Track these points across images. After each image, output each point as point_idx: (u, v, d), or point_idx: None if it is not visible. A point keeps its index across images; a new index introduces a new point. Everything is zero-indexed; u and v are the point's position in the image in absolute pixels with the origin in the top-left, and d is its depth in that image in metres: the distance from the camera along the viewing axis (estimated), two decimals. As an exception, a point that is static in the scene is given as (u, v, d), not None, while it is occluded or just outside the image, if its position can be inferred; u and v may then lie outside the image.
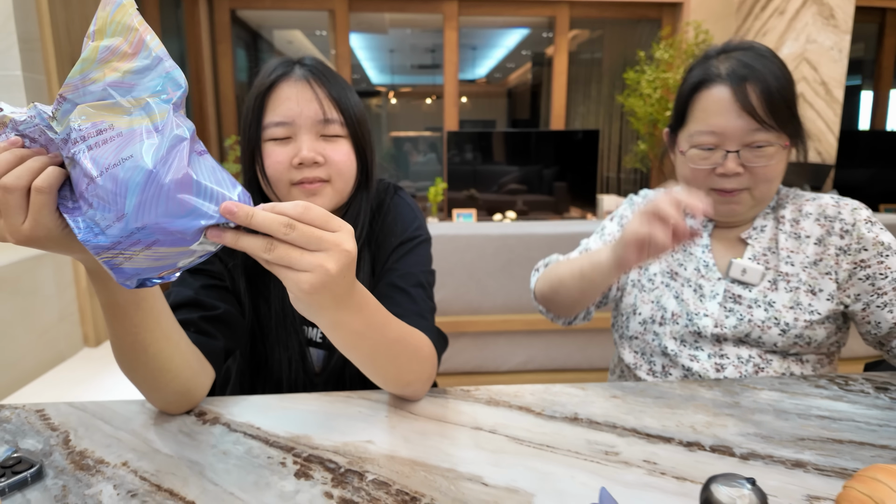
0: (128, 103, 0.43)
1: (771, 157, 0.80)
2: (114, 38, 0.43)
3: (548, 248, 1.94)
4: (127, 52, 0.43)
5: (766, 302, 0.84)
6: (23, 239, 0.45)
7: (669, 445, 0.59)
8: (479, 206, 3.52)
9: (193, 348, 0.64)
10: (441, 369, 2.05)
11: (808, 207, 0.87)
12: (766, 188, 0.83)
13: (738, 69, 0.80)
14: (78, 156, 0.43)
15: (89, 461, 0.55)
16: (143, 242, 0.43)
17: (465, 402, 0.68)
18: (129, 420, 0.64)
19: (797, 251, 0.85)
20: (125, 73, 0.43)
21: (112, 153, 0.42)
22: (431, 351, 0.70)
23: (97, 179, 0.42)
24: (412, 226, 0.85)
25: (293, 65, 0.77)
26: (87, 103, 0.43)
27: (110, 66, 0.43)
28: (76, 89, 0.43)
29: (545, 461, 0.56)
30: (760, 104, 0.78)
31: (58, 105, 0.44)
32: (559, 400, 0.69)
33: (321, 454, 0.57)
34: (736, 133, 0.80)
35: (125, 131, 0.43)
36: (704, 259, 0.90)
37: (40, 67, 2.42)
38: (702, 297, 0.88)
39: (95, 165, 0.42)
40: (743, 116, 0.79)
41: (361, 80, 7.61)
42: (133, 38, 0.44)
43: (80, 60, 0.43)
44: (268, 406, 0.67)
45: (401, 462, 0.55)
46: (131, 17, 0.43)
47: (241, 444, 0.59)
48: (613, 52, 4.69)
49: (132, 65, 0.44)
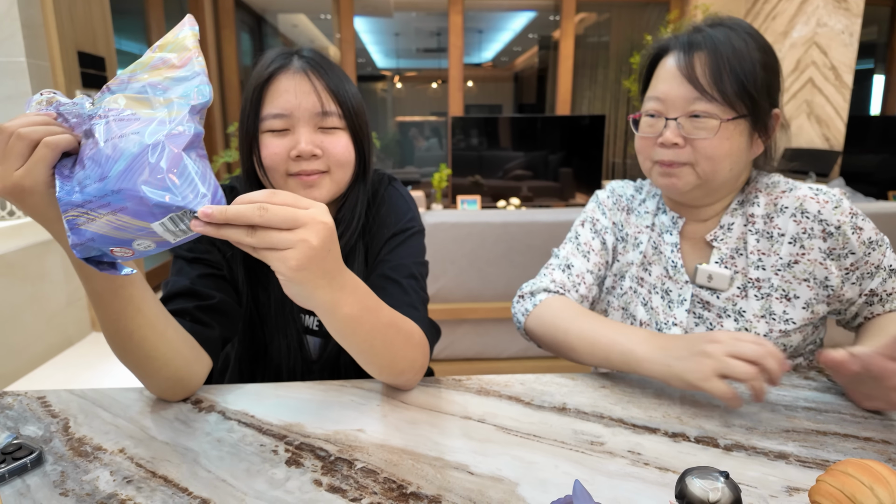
0: (157, 101, 0.50)
1: (712, 131, 0.73)
2: (170, 53, 0.51)
3: (549, 236, 1.94)
4: (175, 65, 0.51)
5: (736, 311, 0.80)
6: (10, 185, 0.49)
7: (654, 436, 0.60)
8: (483, 193, 3.51)
9: (185, 337, 0.65)
10: (441, 356, 2.07)
11: (784, 201, 0.79)
12: (710, 166, 0.75)
13: (693, 38, 0.76)
14: (94, 127, 0.48)
15: (88, 448, 0.57)
16: (112, 206, 0.46)
17: (456, 392, 0.70)
18: (128, 407, 0.66)
19: (769, 253, 0.79)
20: (166, 77, 0.50)
21: (123, 129, 0.47)
22: (423, 339, 0.71)
23: (100, 145, 0.47)
24: (405, 217, 0.85)
25: (291, 56, 0.77)
26: (123, 93, 0.50)
27: (158, 72, 0.51)
28: (122, 83, 0.50)
29: (531, 450, 0.57)
30: (704, 73, 0.73)
31: (102, 94, 0.50)
32: (548, 390, 0.70)
33: (312, 442, 0.58)
34: (677, 100, 0.75)
35: (143, 117, 0.48)
36: (673, 259, 0.85)
37: (44, 54, 2.43)
38: (670, 304, 0.84)
39: (105, 134, 0.47)
40: (685, 84, 0.74)
41: (366, 64, 7.57)
42: (184, 56, 0.51)
43: (136, 63, 0.51)
44: (262, 394, 0.69)
45: (390, 450, 0.57)
46: (189, 41, 0.52)
47: (235, 431, 0.60)
48: (620, 35, 4.64)
49: (174, 73, 0.51)
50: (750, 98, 0.73)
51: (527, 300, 0.88)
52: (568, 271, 0.90)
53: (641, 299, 0.88)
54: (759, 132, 0.77)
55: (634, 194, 0.94)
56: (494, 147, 3.60)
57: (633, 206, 0.93)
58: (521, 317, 0.88)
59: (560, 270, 0.91)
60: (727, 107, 0.73)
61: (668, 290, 0.85)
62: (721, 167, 0.75)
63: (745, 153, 0.77)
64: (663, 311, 0.85)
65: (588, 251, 0.92)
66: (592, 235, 0.93)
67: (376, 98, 7.74)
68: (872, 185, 3.32)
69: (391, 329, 0.64)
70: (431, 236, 1.91)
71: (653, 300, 0.86)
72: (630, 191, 0.95)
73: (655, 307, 0.86)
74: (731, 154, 0.75)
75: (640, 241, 0.90)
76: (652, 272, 0.87)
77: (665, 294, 0.85)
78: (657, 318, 0.85)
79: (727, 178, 0.78)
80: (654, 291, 0.87)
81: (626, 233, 0.92)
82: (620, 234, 0.93)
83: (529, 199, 3.58)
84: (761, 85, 0.74)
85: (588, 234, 0.93)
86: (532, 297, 0.88)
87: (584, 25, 4.99)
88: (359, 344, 0.61)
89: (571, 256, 0.92)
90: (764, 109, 0.75)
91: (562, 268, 0.91)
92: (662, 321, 0.84)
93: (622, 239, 0.92)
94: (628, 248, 0.91)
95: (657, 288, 0.86)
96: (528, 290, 0.89)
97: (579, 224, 0.96)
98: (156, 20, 3.50)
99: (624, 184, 0.98)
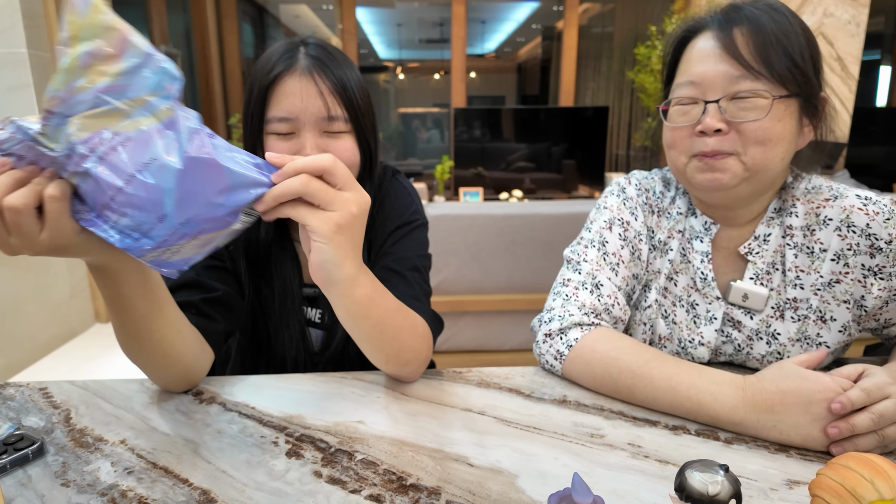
0: (125, 106, 0.43)
1: (763, 111, 0.65)
2: (92, 42, 0.41)
3: (552, 228, 1.94)
4: (111, 54, 0.42)
5: (770, 333, 0.72)
6: (43, 249, 0.46)
7: (655, 429, 0.60)
8: (486, 185, 3.50)
9: (195, 332, 0.65)
10: (443, 348, 2.08)
11: (828, 211, 0.70)
12: (760, 154, 0.66)
13: (729, 13, 0.68)
14: (92, 170, 0.42)
15: (89, 438, 0.57)
16: (190, 234, 0.45)
17: (457, 384, 0.69)
18: (129, 399, 0.66)
19: (808, 271, 0.70)
20: (115, 75, 0.42)
21: (130, 160, 0.42)
22: (427, 330, 0.71)
23: (125, 189, 0.42)
24: (409, 210, 0.85)
25: (296, 53, 0.73)
26: (80, 114, 0.42)
27: (95, 70, 0.41)
28: (63, 102, 0.42)
29: (530, 443, 0.57)
30: (748, 46, 0.65)
31: (45, 121, 0.42)
32: (549, 382, 0.70)
33: (313, 434, 0.58)
34: (717, 80, 0.66)
35: (134, 135, 0.43)
36: (703, 271, 0.75)
37: (45, 44, 2.42)
38: (696, 319, 0.76)
39: (117, 174, 0.42)
40: (726, 60, 0.66)
41: (369, 55, 7.53)
42: (114, 38, 0.42)
43: (61, 71, 0.41)
44: (263, 386, 0.69)
45: (389, 442, 0.57)
46: (107, 17, 0.42)
47: (235, 423, 0.61)
48: (624, 26, 4.60)
49: (120, 66, 0.42)
50: (802, 74, 0.65)
51: (557, 340, 0.71)
52: (597, 292, 0.75)
53: (663, 311, 0.78)
54: (809, 116, 0.68)
55: (664, 191, 0.82)
56: (497, 139, 3.59)
57: (664, 207, 0.81)
58: (555, 361, 0.71)
59: (587, 291, 0.75)
60: (777, 84, 0.65)
61: (695, 304, 0.76)
62: (773, 155, 0.66)
63: (794, 141, 0.68)
64: (688, 327, 0.76)
65: (617, 263, 0.78)
66: (622, 243, 0.79)
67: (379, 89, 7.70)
68: (878, 178, 3.29)
69: (399, 315, 0.64)
70: (433, 228, 1.91)
71: (676, 314, 0.77)
72: (659, 186, 0.83)
73: (679, 322, 0.77)
74: (784, 139, 0.66)
75: (670, 248, 0.79)
76: (678, 282, 0.78)
77: (691, 308, 0.76)
78: (680, 335, 0.76)
79: (779, 171, 0.68)
80: (678, 304, 0.77)
81: (659, 239, 0.80)
82: (653, 242, 0.80)
83: (532, 191, 3.56)
84: (812, 62, 0.66)
85: (616, 241, 0.79)
86: (563, 336, 0.71)
87: (588, 16, 4.94)
88: (370, 328, 0.61)
89: (599, 272, 0.76)
90: (814, 89, 0.67)
91: (588, 287, 0.75)
92: (687, 338, 0.76)
93: (655, 247, 0.80)
94: (656, 255, 0.80)
95: (682, 300, 0.77)
96: (556, 328, 0.72)
97: (605, 226, 0.80)
98: (157, 11, 3.49)
99: (650, 176, 0.85)
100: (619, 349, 0.67)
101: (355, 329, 0.61)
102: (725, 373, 0.62)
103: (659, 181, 0.84)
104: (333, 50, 0.75)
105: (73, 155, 0.42)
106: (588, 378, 0.68)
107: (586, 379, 0.69)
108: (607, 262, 0.77)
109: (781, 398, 0.57)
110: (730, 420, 0.58)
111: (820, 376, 0.57)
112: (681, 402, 0.61)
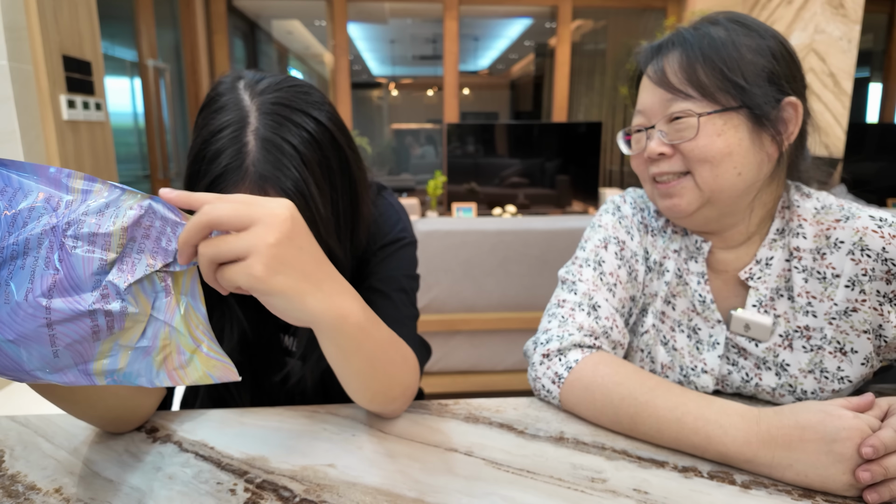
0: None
1: (696, 129, 0.63)
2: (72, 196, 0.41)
3: (545, 244, 1.88)
4: (100, 194, 0.41)
5: (778, 364, 0.67)
6: None
7: (662, 471, 0.53)
8: (479, 200, 3.45)
9: None
10: (434, 369, 2.00)
11: (839, 233, 0.64)
12: (708, 172, 0.64)
13: (662, 42, 0.69)
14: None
15: (19, 487, 0.50)
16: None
17: (442, 419, 0.63)
18: (73, 437, 0.59)
19: (821, 297, 0.65)
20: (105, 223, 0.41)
21: None
22: (416, 362, 0.64)
23: None
24: (395, 228, 0.79)
25: (243, 136, 0.58)
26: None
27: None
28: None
29: (523, 489, 0.50)
30: (675, 71, 0.65)
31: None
32: (544, 416, 0.64)
33: (276, 479, 0.51)
34: (655, 106, 0.67)
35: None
36: (700, 293, 0.71)
37: (27, 57, 2.36)
38: (699, 345, 0.71)
39: None
40: (660, 85, 0.67)
41: (362, 72, 7.54)
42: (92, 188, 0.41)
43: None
44: (226, 422, 0.62)
45: (363, 490, 0.50)
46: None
47: (190, 466, 0.53)
48: (617, 42, 4.61)
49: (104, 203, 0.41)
50: (735, 87, 0.62)
51: (555, 362, 0.66)
52: (594, 313, 0.70)
53: (662, 337, 0.74)
54: (766, 128, 0.64)
55: (657, 210, 0.79)
56: (490, 154, 3.55)
57: (658, 226, 0.77)
58: (552, 385, 0.65)
59: (584, 312, 0.70)
60: (706, 100, 0.63)
61: (697, 329, 0.72)
62: (723, 171, 0.63)
63: (752, 154, 0.64)
64: (689, 353, 0.72)
65: (614, 283, 0.73)
66: (619, 263, 0.75)
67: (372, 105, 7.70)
68: (872, 193, 3.28)
69: (391, 348, 0.57)
70: (424, 245, 1.85)
71: (677, 339, 0.73)
72: (654, 205, 0.79)
73: (680, 348, 0.72)
74: (729, 154, 0.63)
75: (667, 269, 0.75)
76: (676, 306, 0.74)
77: (693, 332, 0.72)
78: (682, 362, 0.72)
79: (739, 188, 0.65)
80: (678, 329, 0.73)
81: (654, 259, 0.76)
82: (648, 263, 0.77)
83: (526, 207, 3.52)
84: (752, 71, 0.63)
85: (613, 260, 0.75)
86: (562, 358, 0.66)
87: (581, 32, 4.96)
88: (360, 363, 0.54)
89: (595, 293, 0.72)
90: (763, 98, 0.63)
91: (585, 308, 0.70)
92: (689, 366, 0.71)
93: (651, 268, 0.76)
94: (653, 276, 0.76)
95: (682, 325, 0.73)
96: (554, 348, 0.67)
97: (600, 245, 0.76)
98: (146, 25, 3.45)
99: (643, 194, 0.82)
100: (621, 374, 0.62)
101: (345, 366, 0.54)
102: (737, 404, 0.56)
103: None
104: (290, 112, 0.60)
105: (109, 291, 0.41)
106: (587, 406, 0.62)
107: (585, 407, 0.63)
108: (604, 283, 0.73)
109: (800, 434, 0.50)
110: (741, 456, 0.52)
111: (843, 411, 0.50)
112: (687, 436, 0.55)
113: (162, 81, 3.37)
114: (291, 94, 0.61)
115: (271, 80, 0.63)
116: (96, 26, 2.77)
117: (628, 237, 0.77)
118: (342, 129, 0.64)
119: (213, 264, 0.43)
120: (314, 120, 0.60)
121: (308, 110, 0.60)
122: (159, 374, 0.43)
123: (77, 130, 2.02)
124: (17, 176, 0.39)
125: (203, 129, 0.60)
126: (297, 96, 0.61)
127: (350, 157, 0.65)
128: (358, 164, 0.67)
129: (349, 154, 0.64)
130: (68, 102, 1.93)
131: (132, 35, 3.43)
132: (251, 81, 0.62)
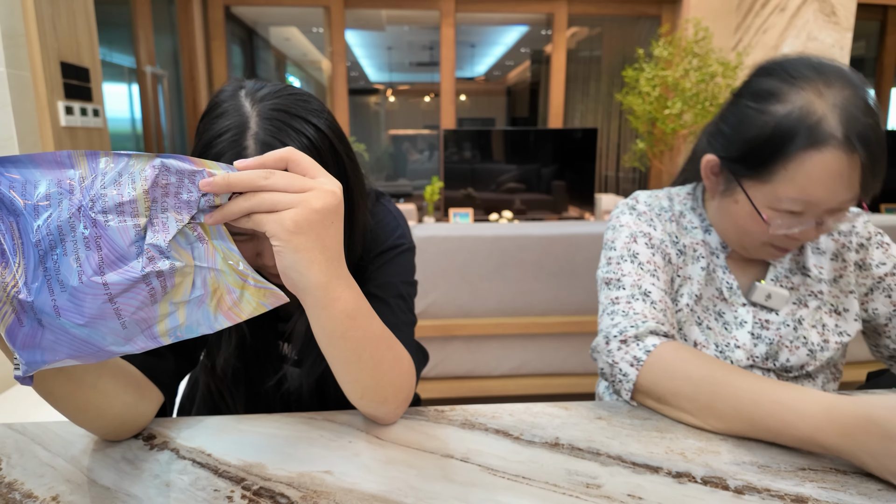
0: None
1: (843, 216, 0.71)
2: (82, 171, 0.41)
3: (542, 250, 1.89)
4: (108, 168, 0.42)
5: (795, 320, 0.79)
6: None
7: (656, 476, 0.54)
8: (476, 206, 3.47)
9: (126, 380, 0.58)
10: (431, 374, 2.00)
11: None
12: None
13: (851, 129, 0.64)
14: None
15: (16, 495, 0.50)
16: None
17: (438, 426, 0.63)
18: (70, 445, 0.59)
19: (821, 267, 0.80)
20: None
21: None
22: (411, 367, 0.65)
23: None
24: (394, 234, 0.79)
25: (244, 138, 0.59)
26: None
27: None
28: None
29: (518, 495, 0.50)
30: (866, 173, 0.66)
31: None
32: (539, 422, 0.64)
33: (273, 486, 0.52)
34: (832, 203, 0.68)
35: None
36: (727, 281, 0.80)
37: (25, 64, 2.37)
38: (726, 326, 0.80)
39: None
40: (845, 190, 0.66)
41: (359, 78, 7.56)
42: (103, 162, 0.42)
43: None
44: (223, 429, 0.62)
45: (359, 497, 0.50)
46: None
47: (187, 473, 0.54)
48: (612, 49, 4.64)
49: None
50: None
51: (633, 346, 0.69)
52: (648, 299, 0.74)
53: (696, 318, 0.80)
54: None
55: (672, 206, 0.85)
56: (487, 160, 3.56)
57: (678, 219, 0.84)
58: (630, 367, 0.68)
59: (640, 301, 0.74)
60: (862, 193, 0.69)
61: (722, 313, 0.80)
62: None
63: None
64: (720, 332, 0.79)
65: (654, 269, 0.78)
66: (651, 252, 0.79)
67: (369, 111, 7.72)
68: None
69: (383, 343, 0.58)
70: (421, 250, 1.85)
71: (710, 320, 0.81)
72: (665, 202, 0.86)
73: (712, 327, 0.80)
74: None
75: (701, 255, 0.82)
76: (704, 293, 0.81)
77: (718, 316, 0.80)
78: (716, 340, 0.79)
79: None
80: (707, 311, 0.81)
81: (683, 244, 0.82)
82: (678, 247, 0.82)
83: (522, 212, 3.53)
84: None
85: (646, 250, 0.79)
86: (640, 343, 0.69)
87: (576, 39, 4.99)
88: (346, 352, 0.55)
89: (641, 281, 0.76)
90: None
91: (639, 298, 0.74)
92: (723, 342, 0.79)
93: (681, 252, 0.82)
94: (688, 260, 0.82)
95: (709, 310, 0.81)
96: (631, 335, 0.70)
97: (629, 240, 0.80)
98: (144, 31, 3.46)
99: (653, 194, 0.87)
100: (701, 357, 0.66)
101: (331, 350, 0.55)
102: (814, 390, 0.58)
103: (664, 198, 0.86)
104: (289, 118, 0.60)
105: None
106: (665, 385, 0.65)
107: (664, 386, 0.65)
108: (645, 270, 0.78)
109: (865, 427, 0.52)
110: (812, 441, 0.55)
111: None
112: (762, 417, 0.58)
113: (160, 88, 3.38)
114: (291, 101, 0.62)
115: (272, 87, 0.63)
116: (94, 33, 2.77)
117: (651, 228, 0.82)
118: (341, 138, 0.65)
119: (252, 209, 0.46)
120: (313, 127, 0.61)
121: (308, 117, 0.61)
122: (217, 318, 0.45)
123: (75, 137, 2.02)
124: (18, 171, 0.40)
125: (204, 135, 0.61)
126: (297, 103, 0.62)
127: (348, 165, 0.65)
128: (355, 173, 0.67)
129: (347, 163, 0.65)
130: (66, 109, 1.94)
131: (130, 41, 3.44)
132: (252, 89, 0.63)
